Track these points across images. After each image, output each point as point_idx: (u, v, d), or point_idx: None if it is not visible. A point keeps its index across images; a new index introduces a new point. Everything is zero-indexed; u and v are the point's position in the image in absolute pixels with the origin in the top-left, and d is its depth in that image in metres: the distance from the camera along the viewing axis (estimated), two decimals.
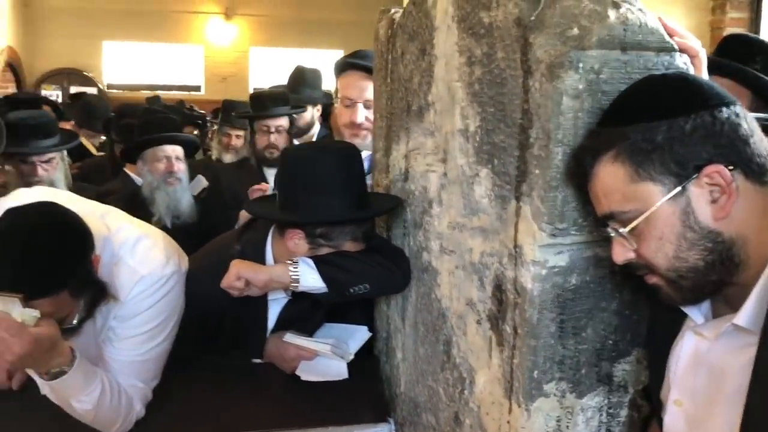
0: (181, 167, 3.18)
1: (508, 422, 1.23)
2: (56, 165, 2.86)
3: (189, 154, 3.40)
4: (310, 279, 1.67)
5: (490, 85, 1.26)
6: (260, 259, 1.78)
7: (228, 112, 4.37)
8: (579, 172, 1.05)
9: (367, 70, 2.23)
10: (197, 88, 12.63)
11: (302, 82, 4.01)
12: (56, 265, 1.38)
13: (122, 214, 1.74)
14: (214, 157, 4.43)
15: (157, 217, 3.04)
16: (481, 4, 1.28)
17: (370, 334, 1.95)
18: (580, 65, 1.05)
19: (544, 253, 1.12)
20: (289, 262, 1.69)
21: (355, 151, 1.82)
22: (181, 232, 2.67)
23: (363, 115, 2.33)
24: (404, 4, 1.75)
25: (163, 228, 2.53)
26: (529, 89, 1.13)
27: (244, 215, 2.93)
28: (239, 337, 1.89)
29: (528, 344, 1.16)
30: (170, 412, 1.68)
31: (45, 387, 1.48)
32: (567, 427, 1.19)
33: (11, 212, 1.40)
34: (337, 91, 2.47)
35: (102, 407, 1.50)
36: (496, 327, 1.27)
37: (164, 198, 3.12)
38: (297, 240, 1.73)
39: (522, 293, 1.17)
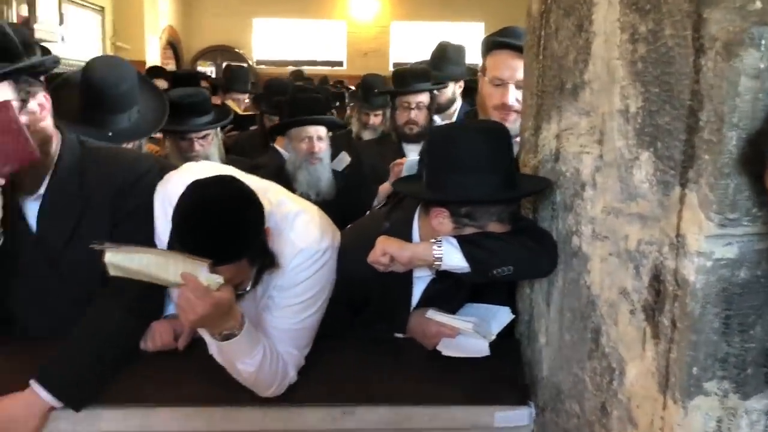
0: (322, 147, 3.36)
1: (662, 418, 1.18)
2: (211, 140, 3.05)
3: (332, 131, 3.53)
4: (453, 258, 1.67)
5: (655, 63, 1.19)
6: (407, 237, 1.80)
7: (367, 90, 4.42)
8: (756, 159, 0.97)
9: (519, 50, 2.12)
10: (340, 63, 12.95)
11: (445, 58, 3.98)
12: (241, 234, 1.49)
13: (281, 189, 1.83)
14: (353, 133, 4.51)
15: (298, 193, 3.18)
16: None
17: (513, 316, 1.93)
18: (763, 42, 0.97)
19: (711, 244, 1.06)
20: (433, 240, 1.70)
21: (503, 130, 1.79)
22: (322, 207, 2.78)
23: (514, 96, 2.22)
24: None
25: None
26: (701, 69, 1.06)
27: (383, 190, 2.99)
28: (384, 311, 1.94)
29: (688, 339, 1.10)
30: (318, 379, 1.76)
31: (213, 347, 1.60)
32: (729, 428, 1.12)
33: (199, 185, 1.51)
34: (484, 69, 2.37)
35: (262, 370, 1.60)
36: (652, 318, 1.21)
37: (305, 176, 3.31)
38: (441, 219, 1.73)
39: (683, 285, 1.10)
